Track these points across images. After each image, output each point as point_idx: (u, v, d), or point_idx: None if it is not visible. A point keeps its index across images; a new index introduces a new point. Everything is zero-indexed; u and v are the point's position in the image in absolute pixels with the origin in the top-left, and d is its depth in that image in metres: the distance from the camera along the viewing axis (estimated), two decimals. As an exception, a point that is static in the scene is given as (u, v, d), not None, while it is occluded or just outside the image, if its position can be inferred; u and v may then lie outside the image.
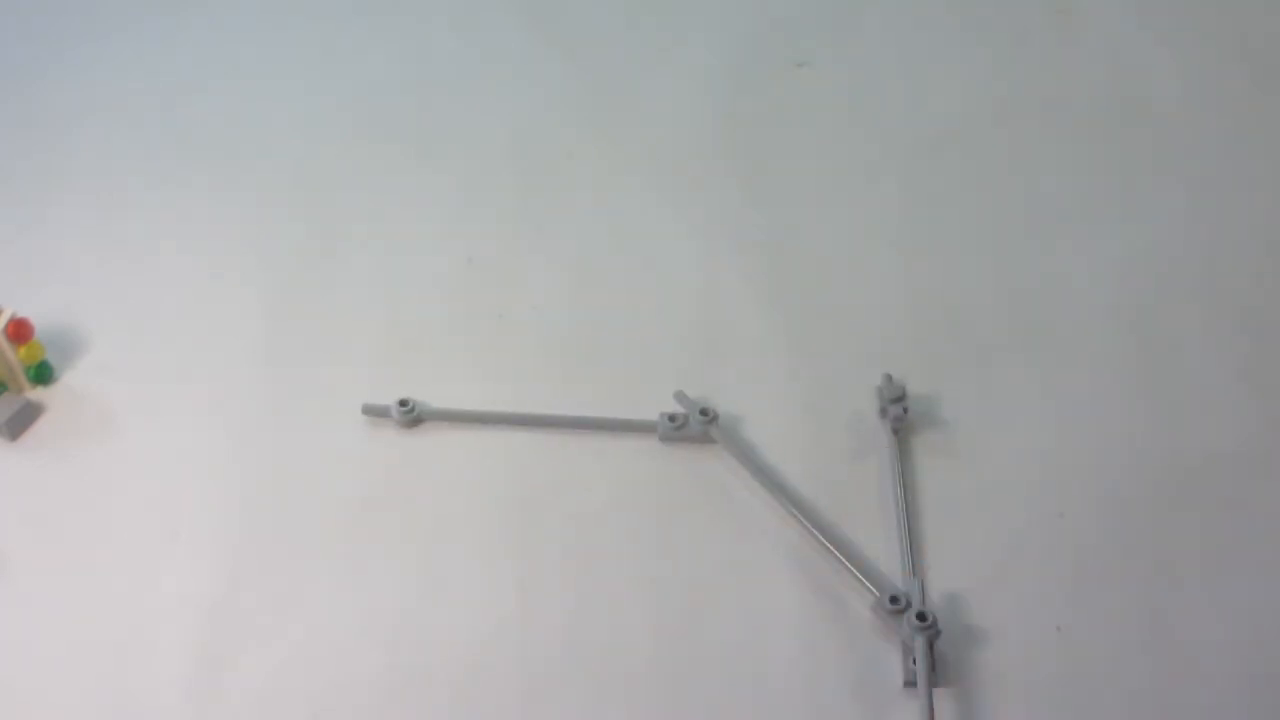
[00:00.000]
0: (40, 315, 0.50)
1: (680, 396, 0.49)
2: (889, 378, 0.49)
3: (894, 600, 0.43)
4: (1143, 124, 0.63)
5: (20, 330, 0.49)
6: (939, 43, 0.68)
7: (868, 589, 0.44)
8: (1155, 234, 0.57)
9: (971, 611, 0.44)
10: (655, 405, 0.49)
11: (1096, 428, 0.50)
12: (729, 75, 0.66)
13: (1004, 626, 0.43)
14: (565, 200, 0.59)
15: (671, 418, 0.49)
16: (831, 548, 0.45)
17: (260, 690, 0.41)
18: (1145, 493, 0.47)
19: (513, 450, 0.49)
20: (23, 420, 0.49)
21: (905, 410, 0.49)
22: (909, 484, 0.47)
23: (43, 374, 0.50)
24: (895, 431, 0.49)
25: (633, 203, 0.59)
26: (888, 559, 0.45)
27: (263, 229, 0.57)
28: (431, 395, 0.50)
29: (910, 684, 0.42)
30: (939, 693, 0.41)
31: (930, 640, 0.42)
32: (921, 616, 0.42)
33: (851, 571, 0.44)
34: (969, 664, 0.42)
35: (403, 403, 0.49)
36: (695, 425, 0.48)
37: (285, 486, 0.47)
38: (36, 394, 0.50)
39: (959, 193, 0.59)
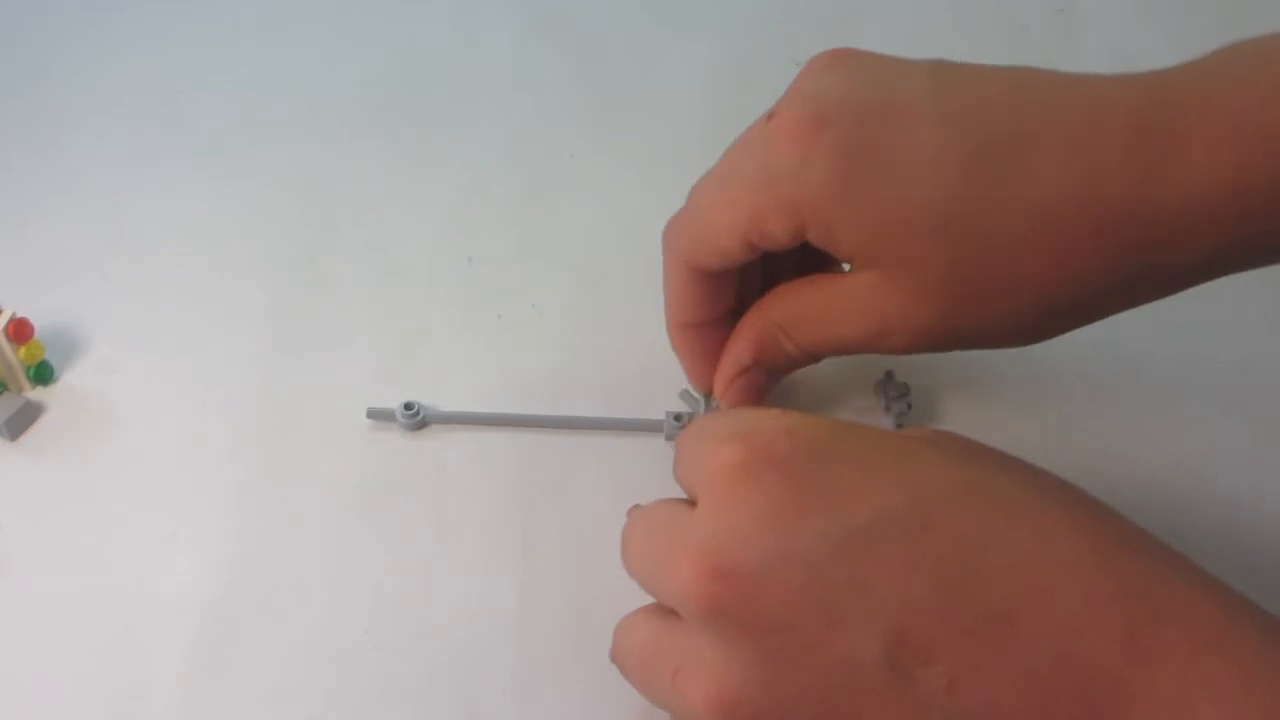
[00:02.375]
0: (40, 315, 0.50)
1: (685, 395, 0.49)
2: (890, 374, 0.50)
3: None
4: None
5: (20, 330, 0.49)
6: (939, 43, 0.67)
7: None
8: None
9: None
10: (659, 405, 0.49)
11: (1095, 426, 0.50)
12: (729, 75, 0.66)
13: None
14: (565, 200, 0.59)
15: (677, 417, 0.48)
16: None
17: (260, 690, 0.41)
18: (1144, 491, 0.47)
19: (518, 452, 0.49)
20: (23, 420, 0.49)
21: (909, 406, 0.49)
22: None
23: (43, 374, 0.50)
24: (899, 427, 0.49)
25: (633, 202, 0.59)
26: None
27: (263, 229, 0.57)
28: (431, 395, 0.50)
29: None
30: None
31: None
32: None
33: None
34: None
35: (408, 406, 0.49)
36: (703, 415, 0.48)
37: (286, 487, 0.47)
38: (36, 394, 0.50)
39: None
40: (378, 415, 0.49)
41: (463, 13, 0.70)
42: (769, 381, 0.44)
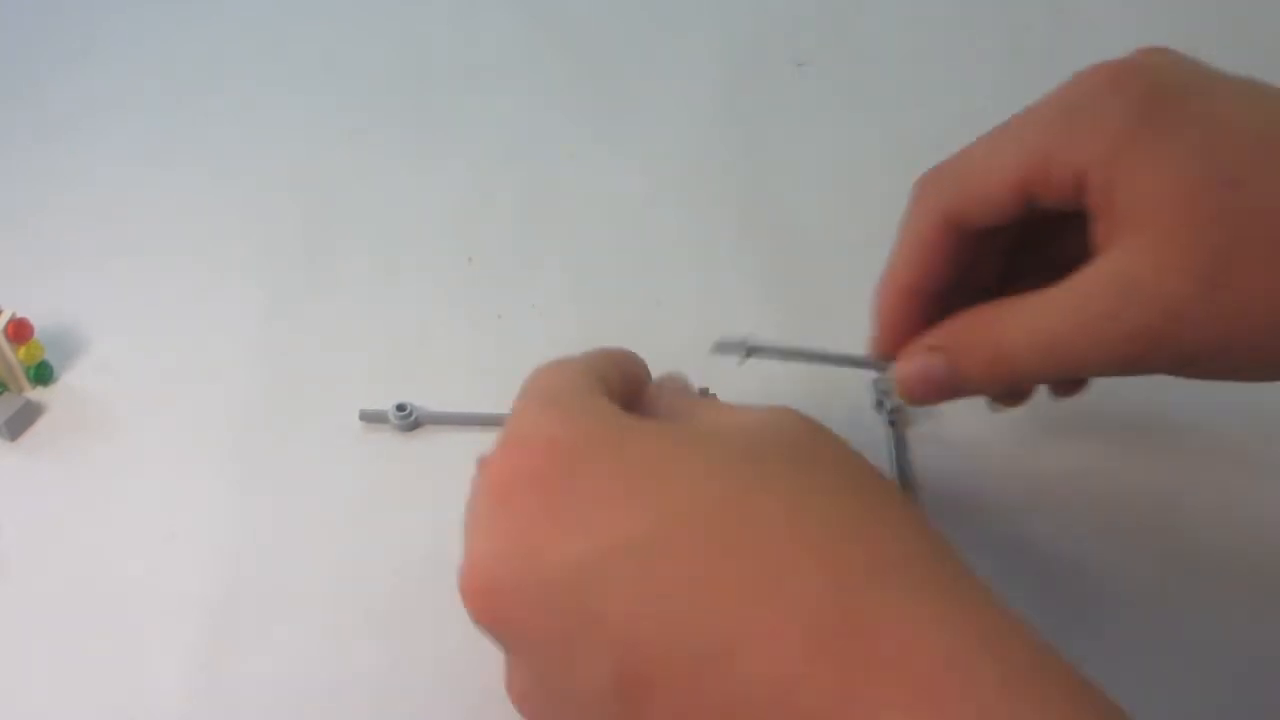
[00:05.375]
0: (40, 315, 0.50)
1: None
2: (883, 371, 0.50)
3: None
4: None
5: (20, 330, 0.49)
6: (939, 43, 0.68)
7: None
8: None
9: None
10: (656, 404, 0.49)
11: (1092, 424, 0.49)
12: (729, 75, 0.66)
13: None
14: (565, 200, 0.59)
15: None
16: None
17: (260, 691, 0.41)
18: (1141, 490, 0.47)
19: None
20: (23, 420, 0.49)
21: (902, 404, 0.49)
22: (907, 474, 0.48)
23: (43, 374, 0.50)
24: (891, 424, 0.49)
25: (632, 202, 0.59)
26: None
27: (263, 229, 0.57)
28: (430, 395, 0.50)
29: None
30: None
31: None
32: None
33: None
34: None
35: (400, 407, 0.49)
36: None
37: (285, 487, 0.47)
38: (36, 394, 0.50)
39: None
40: (370, 417, 0.49)
41: (463, 12, 0.70)
42: (949, 380, 0.39)
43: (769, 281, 0.55)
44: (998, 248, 0.40)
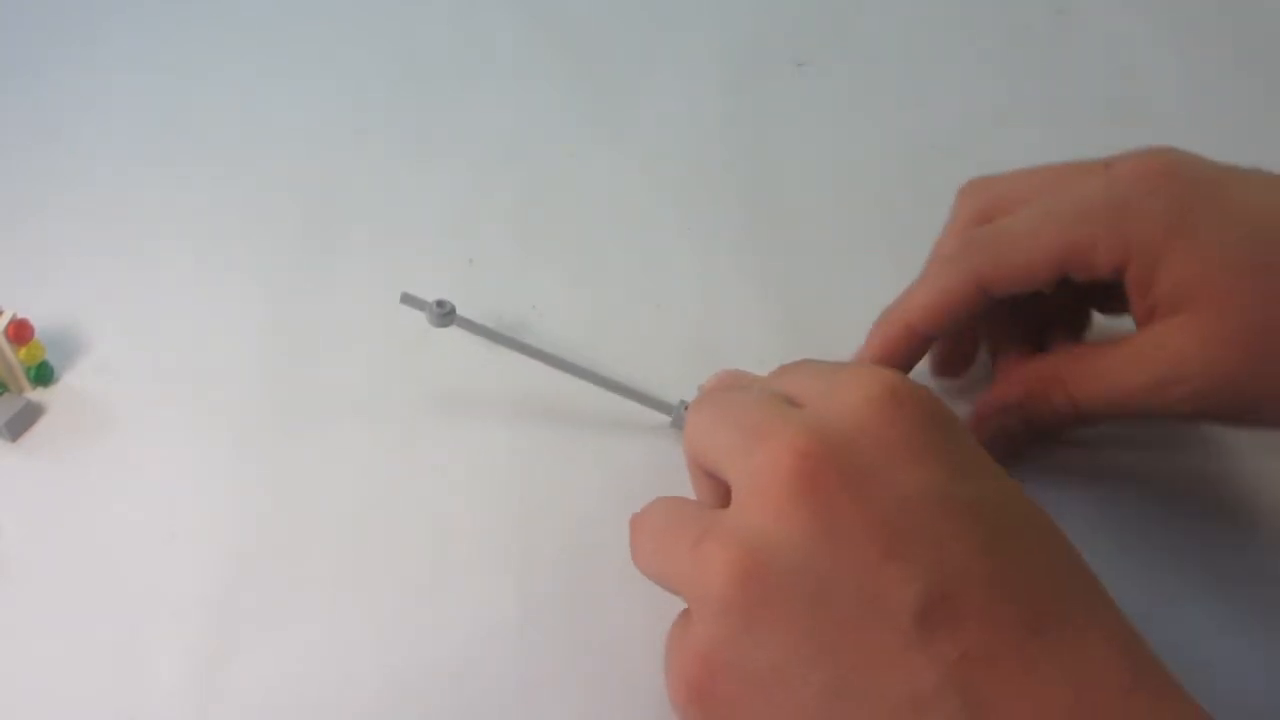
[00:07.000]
0: (40, 315, 0.50)
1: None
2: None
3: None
4: (1143, 124, 0.63)
5: (20, 331, 0.49)
6: (939, 43, 0.68)
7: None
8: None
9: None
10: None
11: (1097, 427, 0.50)
12: (729, 75, 0.66)
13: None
14: (565, 200, 0.59)
15: (686, 405, 0.48)
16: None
17: (260, 691, 0.41)
18: (1142, 494, 0.47)
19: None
20: (23, 421, 0.49)
21: None
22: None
23: (43, 375, 0.50)
24: None
25: (633, 202, 0.59)
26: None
27: (263, 229, 0.57)
28: (432, 397, 0.50)
29: None
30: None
31: None
32: None
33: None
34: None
35: (440, 303, 0.48)
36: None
37: (286, 487, 0.47)
38: (37, 395, 0.50)
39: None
40: (411, 302, 0.48)
41: (463, 12, 0.70)
42: (1024, 431, 0.45)
43: (769, 281, 0.55)
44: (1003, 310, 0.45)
